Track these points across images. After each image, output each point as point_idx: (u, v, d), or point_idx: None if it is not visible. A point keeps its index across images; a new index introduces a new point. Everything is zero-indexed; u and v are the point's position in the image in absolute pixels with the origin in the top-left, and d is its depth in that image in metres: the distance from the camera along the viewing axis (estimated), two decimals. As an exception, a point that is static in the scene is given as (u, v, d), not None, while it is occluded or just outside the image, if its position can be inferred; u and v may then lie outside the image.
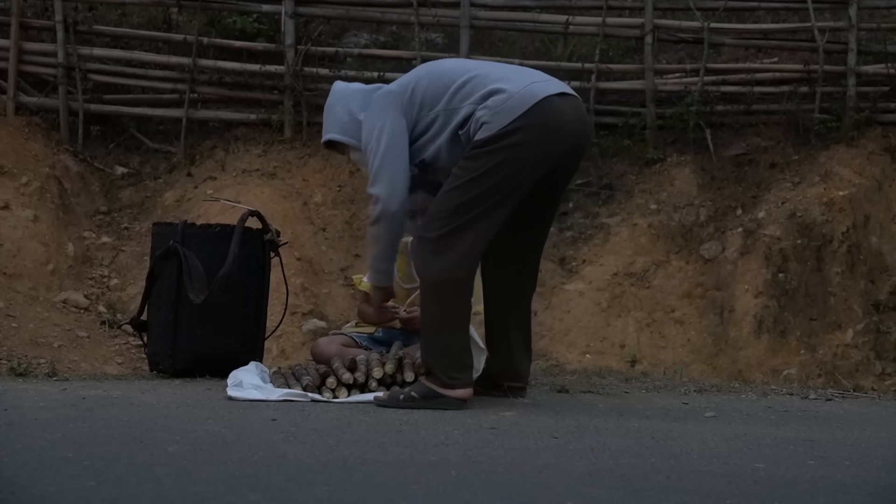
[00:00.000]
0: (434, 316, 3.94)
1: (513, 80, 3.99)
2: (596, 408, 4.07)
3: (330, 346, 4.90)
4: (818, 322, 7.67)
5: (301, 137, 8.79)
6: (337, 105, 4.21)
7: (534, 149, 3.89)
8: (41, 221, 7.94)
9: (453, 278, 3.90)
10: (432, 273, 3.92)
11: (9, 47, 8.72)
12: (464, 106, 3.97)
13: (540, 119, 3.89)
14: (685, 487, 2.70)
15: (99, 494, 2.43)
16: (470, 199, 3.88)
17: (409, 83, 4.09)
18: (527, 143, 3.87)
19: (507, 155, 3.86)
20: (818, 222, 7.95)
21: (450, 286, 3.91)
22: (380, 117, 4.03)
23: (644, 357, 7.40)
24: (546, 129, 3.90)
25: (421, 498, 2.49)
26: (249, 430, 3.37)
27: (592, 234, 8.25)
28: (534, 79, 4.02)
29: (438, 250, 3.90)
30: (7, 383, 4.52)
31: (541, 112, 3.89)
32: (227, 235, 4.76)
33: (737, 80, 8.76)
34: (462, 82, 4.00)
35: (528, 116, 3.87)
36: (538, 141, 3.89)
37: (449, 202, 3.91)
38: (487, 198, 3.88)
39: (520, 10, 8.89)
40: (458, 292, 3.93)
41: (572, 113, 4.00)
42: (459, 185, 3.90)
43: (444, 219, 3.90)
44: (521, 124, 3.86)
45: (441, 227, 3.90)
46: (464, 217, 3.88)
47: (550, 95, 3.93)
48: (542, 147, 3.91)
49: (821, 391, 4.82)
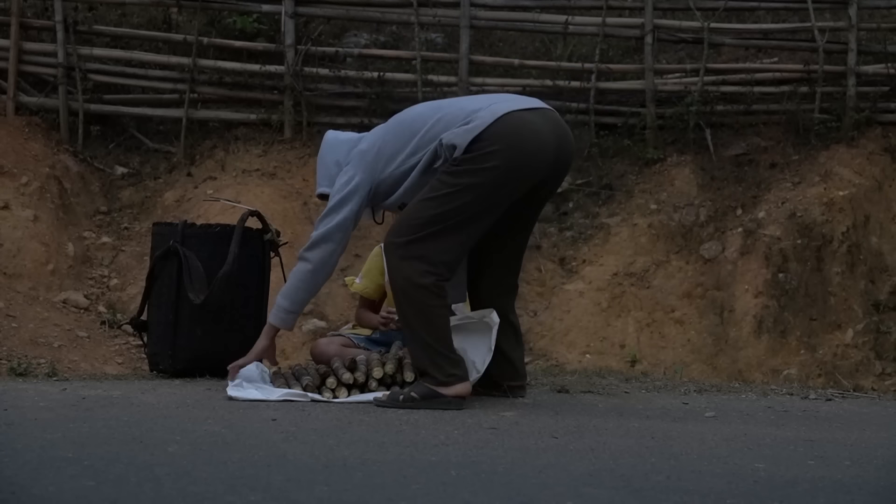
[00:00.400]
0: (410, 319, 3.97)
1: (478, 105, 4.04)
2: (596, 408, 4.07)
3: (329, 347, 4.90)
4: (818, 322, 7.67)
5: (301, 137, 8.79)
6: (327, 156, 4.38)
7: (510, 170, 3.92)
8: (41, 221, 7.95)
9: (421, 284, 3.92)
10: (400, 278, 3.95)
11: (9, 47, 8.72)
12: (433, 142, 4.02)
13: (510, 134, 3.92)
14: (685, 487, 2.70)
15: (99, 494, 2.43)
16: (443, 212, 3.91)
17: (375, 142, 4.20)
18: (503, 164, 3.90)
19: (485, 177, 3.90)
20: (818, 222, 7.95)
21: (418, 290, 3.93)
22: (352, 180, 4.16)
23: (644, 357, 7.41)
24: (519, 145, 3.93)
25: (421, 498, 2.49)
26: (249, 430, 3.37)
27: (592, 234, 8.25)
28: (497, 100, 4.07)
29: (406, 256, 3.93)
30: (7, 383, 4.52)
31: (508, 127, 3.93)
32: (227, 235, 4.75)
33: (737, 80, 8.77)
34: (430, 125, 4.06)
35: (495, 133, 3.90)
36: (513, 158, 3.91)
37: (422, 212, 3.94)
38: (461, 213, 3.92)
39: (520, 10, 8.90)
40: (428, 295, 3.94)
41: (545, 124, 4.03)
42: (435, 196, 3.93)
43: (416, 227, 3.93)
44: (487, 143, 3.90)
45: (411, 234, 3.93)
46: (435, 227, 3.91)
47: (515, 111, 3.98)
48: (519, 165, 3.93)
49: (821, 391, 4.82)
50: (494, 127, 3.92)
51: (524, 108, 4.02)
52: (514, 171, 3.94)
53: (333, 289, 7.83)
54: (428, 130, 4.06)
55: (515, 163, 3.92)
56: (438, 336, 3.95)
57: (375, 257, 5.03)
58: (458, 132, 3.94)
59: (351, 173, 4.18)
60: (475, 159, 3.90)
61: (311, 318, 7.58)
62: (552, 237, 8.25)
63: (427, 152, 4.03)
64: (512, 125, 3.94)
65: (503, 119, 3.94)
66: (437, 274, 3.94)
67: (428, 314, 3.95)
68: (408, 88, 8.82)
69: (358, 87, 8.83)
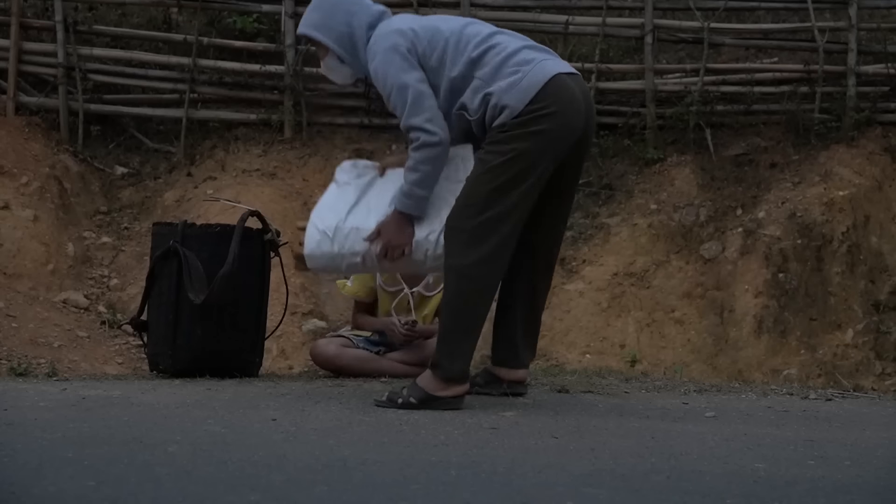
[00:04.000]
0: (455, 309, 3.86)
1: (520, 52, 3.92)
2: (596, 408, 4.07)
3: (329, 347, 4.92)
4: (818, 322, 7.67)
5: (301, 137, 8.79)
6: (339, 9, 4.09)
7: (557, 130, 3.82)
8: (41, 221, 7.95)
9: (482, 274, 3.82)
10: (464, 264, 3.81)
11: (9, 47, 8.72)
12: (470, 83, 3.89)
13: (557, 98, 3.82)
14: (685, 487, 2.70)
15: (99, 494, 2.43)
16: (500, 184, 3.79)
17: (407, 40, 3.97)
18: (550, 126, 3.80)
19: (533, 139, 3.79)
20: (818, 222, 7.95)
21: (478, 280, 3.83)
22: (396, 71, 3.94)
23: (644, 357, 7.40)
24: (564, 109, 3.83)
25: (421, 498, 2.49)
26: (249, 430, 3.37)
27: (592, 234, 8.25)
28: (539, 56, 3.94)
29: (472, 242, 3.80)
30: (7, 383, 4.52)
31: (556, 91, 3.82)
32: (227, 235, 4.75)
33: (737, 80, 8.77)
34: (477, 53, 3.93)
35: (546, 96, 3.80)
36: (560, 122, 3.82)
37: (480, 187, 3.81)
38: (517, 183, 3.79)
39: (520, 10, 8.89)
40: (484, 288, 3.87)
41: (581, 91, 3.95)
42: (488, 169, 3.81)
43: (476, 206, 3.80)
44: (541, 105, 3.79)
45: (475, 216, 3.79)
46: (497, 206, 3.79)
47: (561, 73, 3.88)
48: (563, 127, 3.84)
49: (821, 391, 4.82)
50: (549, 88, 3.81)
51: (566, 73, 3.91)
52: (559, 141, 3.84)
53: (333, 289, 7.82)
54: (474, 56, 3.93)
55: (562, 131, 3.84)
56: (472, 335, 3.89)
57: None
58: (511, 92, 3.81)
59: (392, 65, 3.94)
60: (526, 123, 3.79)
61: (310, 318, 7.58)
62: (552, 237, 8.25)
63: (465, 92, 3.90)
64: (562, 87, 3.84)
65: (555, 80, 3.83)
66: (499, 263, 3.85)
67: (474, 308, 3.86)
68: (408, 88, 8.80)
69: (358, 87, 8.83)
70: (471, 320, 3.88)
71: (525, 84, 3.82)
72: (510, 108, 3.81)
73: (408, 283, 4.97)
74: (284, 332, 7.10)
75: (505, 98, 3.82)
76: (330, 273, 5.10)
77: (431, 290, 4.97)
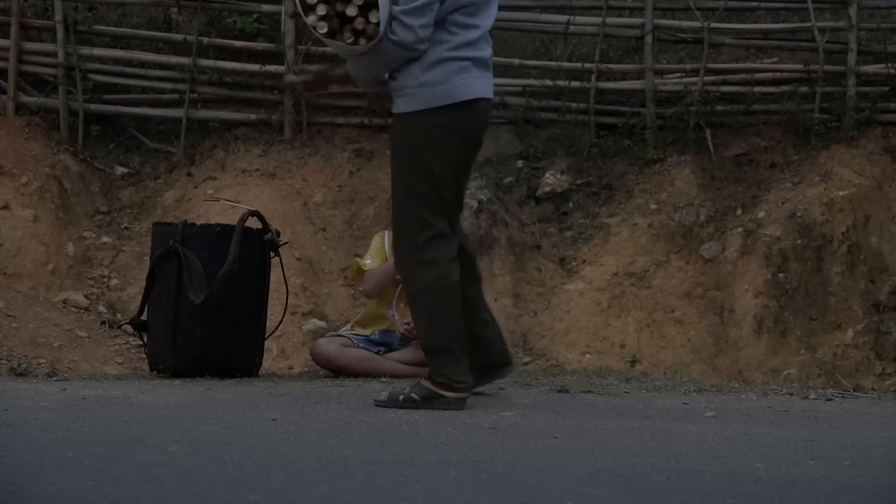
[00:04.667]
0: (430, 326, 3.96)
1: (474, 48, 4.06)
2: (596, 408, 4.07)
3: (329, 347, 4.92)
4: (818, 322, 7.67)
5: (301, 137, 8.79)
6: None
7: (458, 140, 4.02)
8: (41, 221, 7.94)
9: (443, 287, 3.92)
10: (424, 286, 3.94)
11: (9, 47, 8.71)
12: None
13: (463, 119, 4.01)
14: (685, 487, 2.70)
15: (99, 494, 2.43)
16: (420, 194, 3.93)
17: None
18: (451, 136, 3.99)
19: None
20: (818, 222, 7.95)
21: (441, 295, 3.93)
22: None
23: (644, 357, 7.40)
24: (464, 132, 4.03)
25: (421, 498, 2.49)
26: (249, 430, 3.37)
27: (592, 234, 8.25)
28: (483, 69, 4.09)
29: (424, 263, 3.93)
30: (7, 383, 4.52)
31: (467, 113, 4.01)
32: (227, 235, 4.76)
33: (737, 80, 8.76)
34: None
35: (455, 113, 3.96)
36: (461, 137, 4.02)
37: (408, 208, 3.94)
38: (435, 189, 3.95)
39: (520, 10, 8.89)
40: (449, 298, 3.95)
41: (483, 124, 4.15)
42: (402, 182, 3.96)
43: (414, 228, 3.94)
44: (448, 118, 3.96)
45: (415, 239, 3.92)
46: (430, 219, 3.93)
47: (481, 99, 4.05)
48: (464, 140, 4.04)
49: (821, 391, 4.82)
50: (459, 107, 4.00)
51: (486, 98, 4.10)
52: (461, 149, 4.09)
53: (333, 289, 7.83)
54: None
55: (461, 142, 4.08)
56: (455, 342, 3.94)
57: (378, 242, 5.09)
58: (425, 83, 3.96)
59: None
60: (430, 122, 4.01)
61: (310, 318, 7.58)
62: (552, 237, 8.25)
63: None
64: (471, 113, 4.05)
65: (471, 104, 4.03)
66: (453, 273, 3.95)
67: (447, 318, 3.94)
68: (408, 88, 8.80)
69: (358, 87, 8.82)
70: (445, 331, 3.97)
71: (439, 92, 3.97)
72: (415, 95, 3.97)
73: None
74: (284, 332, 7.09)
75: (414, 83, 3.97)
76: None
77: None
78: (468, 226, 8.06)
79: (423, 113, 3.97)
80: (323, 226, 8.32)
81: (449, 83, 3.98)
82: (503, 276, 7.96)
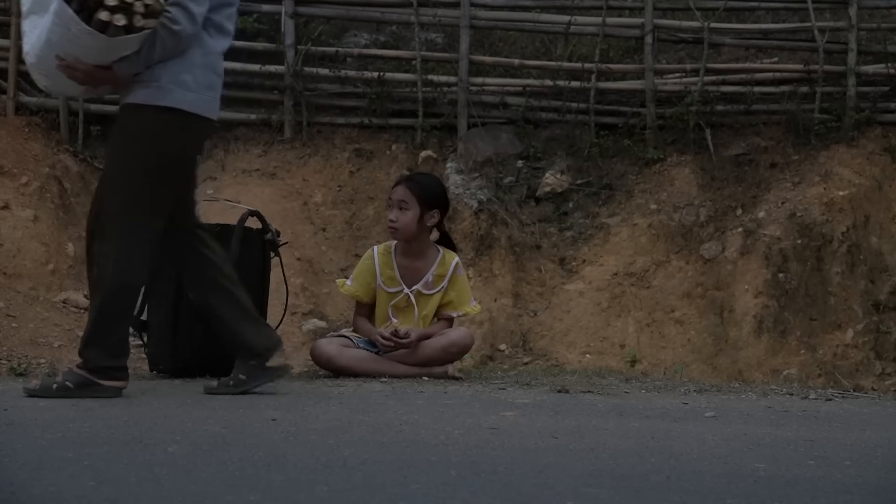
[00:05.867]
0: (108, 313, 3.97)
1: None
2: (596, 408, 4.07)
3: (329, 347, 4.92)
4: (818, 322, 7.67)
5: (301, 137, 8.79)
6: None
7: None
8: (41, 221, 7.94)
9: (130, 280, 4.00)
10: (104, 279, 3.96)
11: (9, 47, 8.71)
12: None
13: (199, 131, 4.01)
14: (685, 487, 2.70)
15: (99, 494, 2.43)
16: (130, 189, 3.95)
17: None
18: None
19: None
20: (818, 222, 7.95)
21: (128, 289, 4.00)
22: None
23: (644, 357, 7.40)
24: (193, 144, 4.06)
25: (421, 498, 2.49)
26: (249, 430, 3.37)
27: (592, 234, 8.25)
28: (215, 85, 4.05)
29: (115, 257, 3.95)
30: (7, 383, 4.52)
31: (200, 128, 4.00)
32: (227, 235, 4.76)
33: (737, 80, 8.77)
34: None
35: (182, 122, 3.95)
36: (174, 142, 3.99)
37: (117, 198, 3.95)
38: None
39: (520, 10, 8.89)
40: (132, 291, 4.02)
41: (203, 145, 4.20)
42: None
43: (117, 219, 3.96)
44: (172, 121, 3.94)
45: (115, 231, 3.94)
46: (139, 215, 3.95)
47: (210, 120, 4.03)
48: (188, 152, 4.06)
49: (821, 391, 4.82)
50: (187, 118, 3.99)
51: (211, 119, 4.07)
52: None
53: (333, 289, 7.83)
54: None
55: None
56: (122, 330, 4.01)
57: (367, 260, 5.06)
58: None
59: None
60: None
61: (310, 318, 7.58)
62: (552, 237, 8.25)
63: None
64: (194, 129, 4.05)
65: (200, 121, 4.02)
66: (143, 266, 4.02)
67: (125, 309, 4.02)
68: (408, 88, 8.82)
69: (358, 87, 8.83)
70: (119, 321, 4.04)
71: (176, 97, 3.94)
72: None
73: (407, 282, 4.98)
74: (284, 332, 7.06)
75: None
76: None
77: (431, 288, 4.97)
78: (468, 226, 8.06)
79: (161, 110, 3.93)
80: (323, 226, 8.32)
81: (200, 93, 3.95)
82: (503, 276, 7.96)
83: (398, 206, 4.91)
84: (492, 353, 7.49)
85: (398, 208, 4.91)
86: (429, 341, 4.87)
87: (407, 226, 4.91)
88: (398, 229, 4.92)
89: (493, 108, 8.83)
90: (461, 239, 7.85)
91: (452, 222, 7.90)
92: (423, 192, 4.93)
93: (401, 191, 4.94)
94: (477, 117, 8.70)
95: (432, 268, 4.99)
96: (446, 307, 5.01)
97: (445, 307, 5.01)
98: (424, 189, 4.95)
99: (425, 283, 4.97)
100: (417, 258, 4.99)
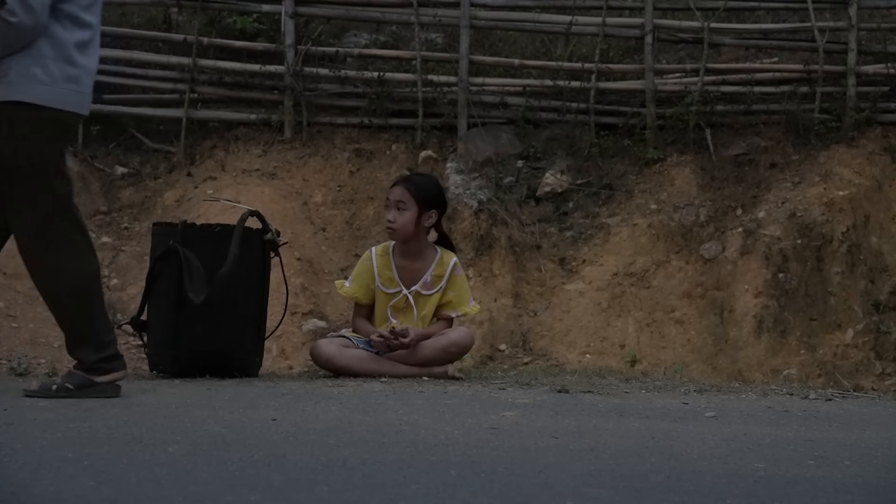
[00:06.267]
0: (86, 313, 3.99)
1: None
2: (596, 408, 4.07)
3: (329, 347, 4.92)
4: (818, 322, 7.67)
5: (301, 137, 8.79)
6: None
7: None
8: (41, 221, 7.93)
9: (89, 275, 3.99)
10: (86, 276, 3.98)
11: (9, 47, 8.70)
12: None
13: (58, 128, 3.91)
14: (685, 487, 2.70)
15: (99, 494, 2.43)
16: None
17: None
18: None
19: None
20: (818, 222, 7.95)
21: (78, 283, 3.97)
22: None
23: (644, 357, 7.41)
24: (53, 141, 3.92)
25: (421, 498, 2.49)
26: (249, 430, 3.37)
27: (592, 234, 8.24)
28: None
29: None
30: (7, 383, 4.51)
31: (46, 121, 3.86)
32: (227, 235, 4.76)
33: (737, 80, 8.77)
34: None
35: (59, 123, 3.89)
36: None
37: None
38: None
39: (520, 10, 8.89)
40: (85, 281, 4.00)
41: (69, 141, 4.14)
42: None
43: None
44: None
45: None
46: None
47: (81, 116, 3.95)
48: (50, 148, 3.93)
49: (821, 391, 4.82)
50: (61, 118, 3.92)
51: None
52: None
53: (333, 289, 7.83)
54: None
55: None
56: (104, 324, 4.03)
57: (366, 261, 5.06)
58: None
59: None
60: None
61: (310, 318, 7.59)
62: (552, 237, 8.25)
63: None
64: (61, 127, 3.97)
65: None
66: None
67: (99, 304, 4.02)
68: (408, 88, 8.82)
69: (358, 87, 8.84)
70: (99, 316, 4.07)
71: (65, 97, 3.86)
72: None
73: (405, 283, 4.98)
74: (284, 332, 7.10)
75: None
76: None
77: (429, 289, 4.97)
78: (468, 226, 8.07)
79: (10, 105, 3.81)
80: (323, 226, 8.32)
81: (54, 86, 3.83)
82: (503, 276, 7.96)
83: (396, 207, 4.92)
84: (492, 353, 7.50)
85: (396, 209, 4.92)
86: (429, 341, 4.87)
87: (405, 226, 4.91)
88: (396, 230, 4.93)
89: (493, 108, 8.83)
90: (461, 239, 7.86)
91: (452, 222, 7.90)
92: (420, 192, 4.94)
93: (398, 191, 4.95)
94: (477, 117, 8.70)
95: (430, 268, 4.99)
96: (445, 307, 5.01)
97: (444, 307, 5.01)
98: (422, 189, 4.96)
99: (424, 283, 4.97)
100: (416, 259, 4.99)
